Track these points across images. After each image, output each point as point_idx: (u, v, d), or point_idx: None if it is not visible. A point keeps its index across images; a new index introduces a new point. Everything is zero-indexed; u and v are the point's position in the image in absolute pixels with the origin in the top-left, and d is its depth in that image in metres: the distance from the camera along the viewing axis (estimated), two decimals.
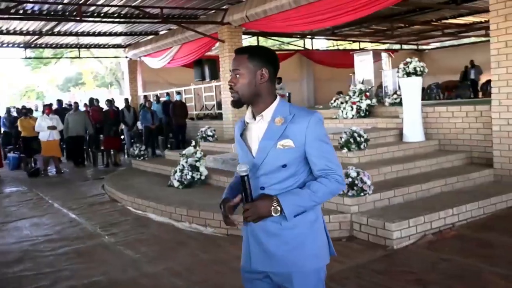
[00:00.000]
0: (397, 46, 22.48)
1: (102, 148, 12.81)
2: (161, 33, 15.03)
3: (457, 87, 16.73)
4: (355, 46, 21.78)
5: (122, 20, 12.16)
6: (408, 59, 7.47)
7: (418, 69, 7.35)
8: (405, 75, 7.43)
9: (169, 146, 13.34)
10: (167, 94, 14.21)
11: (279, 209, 1.94)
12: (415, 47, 23.05)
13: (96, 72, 33.85)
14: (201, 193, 7.12)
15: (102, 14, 11.55)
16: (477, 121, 7.03)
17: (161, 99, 14.77)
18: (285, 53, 21.11)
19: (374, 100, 9.10)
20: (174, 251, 5.17)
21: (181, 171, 7.67)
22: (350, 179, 5.29)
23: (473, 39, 20.52)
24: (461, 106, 7.37)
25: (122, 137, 13.61)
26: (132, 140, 13.62)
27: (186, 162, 7.69)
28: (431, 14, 15.14)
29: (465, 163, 7.08)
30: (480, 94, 17.92)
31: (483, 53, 19.89)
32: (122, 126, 13.40)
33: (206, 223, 5.83)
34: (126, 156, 13.78)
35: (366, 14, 9.41)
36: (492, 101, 6.56)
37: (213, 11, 12.00)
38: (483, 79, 18.76)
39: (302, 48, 20.99)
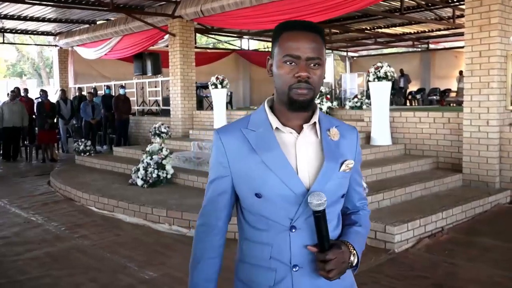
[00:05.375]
0: (328, 51, 23.12)
1: (36, 142, 11.79)
2: (98, 22, 14.18)
3: (392, 95, 17.41)
4: None
5: (62, 4, 11.27)
6: (379, 64, 7.57)
7: (388, 74, 7.48)
8: (375, 79, 7.52)
9: (107, 142, 12.61)
10: (108, 87, 13.42)
11: (356, 259, 1.42)
12: (344, 53, 23.84)
13: (9, 61, 31.47)
14: (171, 193, 6.71)
15: None
16: (445, 127, 7.28)
17: (99, 92, 13.93)
18: (222, 52, 20.91)
19: (335, 103, 9.16)
20: (165, 256, 4.78)
21: (145, 169, 7.19)
22: None
23: (402, 49, 21.56)
24: (428, 112, 7.60)
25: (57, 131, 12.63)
26: (68, 135, 12.70)
27: (151, 159, 7.23)
28: (367, 23, 15.68)
29: (432, 168, 7.30)
30: (408, 102, 18.93)
31: (409, 63, 21.21)
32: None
33: (190, 225, 5.48)
34: (61, 151, 12.81)
35: (327, 17, 9.47)
36: (464, 108, 6.81)
37: (163, 3, 11.50)
38: (411, 87, 19.83)
39: (239, 48, 20.88)
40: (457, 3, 12.13)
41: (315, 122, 1.45)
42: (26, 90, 14.21)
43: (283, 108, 1.44)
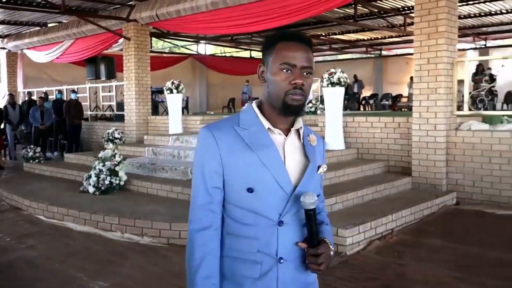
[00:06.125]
0: None
1: None
2: (50, 25, 13.80)
3: (346, 100, 17.75)
4: (245, 54, 22.15)
5: (10, 6, 10.89)
6: (333, 70, 7.71)
7: (342, 79, 7.61)
8: (329, 85, 7.64)
9: (58, 148, 12.25)
10: (59, 92, 13.05)
11: (333, 254, 1.58)
12: None
13: None
14: (123, 200, 6.59)
15: None
16: (395, 131, 7.48)
17: (50, 97, 13.53)
18: (178, 57, 20.76)
19: None
20: (117, 265, 4.67)
21: (97, 176, 7.04)
22: None
23: (356, 55, 22.01)
24: (380, 117, 7.79)
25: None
26: (16, 141, 12.26)
27: (104, 166, 7.08)
28: (322, 29, 15.96)
29: (383, 171, 7.47)
30: (362, 107, 19.36)
31: (363, 69, 21.71)
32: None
33: (143, 232, 5.39)
34: (9, 159, 12.35)
35: (282, 24, 9.56)
36: (413, 113, 7.02)
37: (118, 6, 11.32)
38: (364, 93, 20.29)
39: (195, 53, 20.78)
40: (408, 12, 12.51)
41: (300, 127, 1.58)
42: None
43: (273, 112, 1.54)
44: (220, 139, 1.50)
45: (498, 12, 13.10)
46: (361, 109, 19.09)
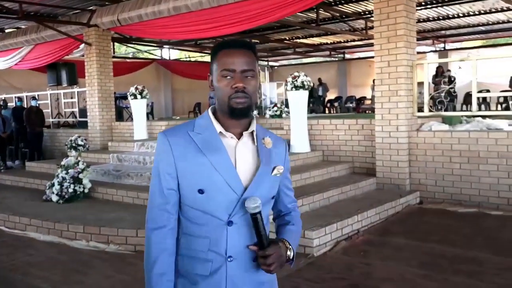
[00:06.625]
0: None
1: None
2: (7, 30, 13.44)
3: (311, 103, 17.94)
4: (209, 59, 22.08)
5: None
6: (296, 73, 7.78)
7: (305, 83, 7.69)
8: (293, 89, 7.72)
9: (19, 157, 11.93)
10: (19, 99, 12.71)
11: (291, 254, 1.64)
12: (265, 63, 24.24)
13: None
14: (88, 208, 6.48)
15: None
16: (359, 133, 7.61)
17: (9, 104, 13.17)
18: (142, 62, 20.55)
19: (255, 112, 9.29)
20: (82, 274, 4.59)
21: (61, 184, 6.89)
22: None
23: (320, 59, 22.27)
24: (344, 119, 7.91)
25: None
26: None
27: (67, 173, 6.94)
28: (286, 33, 16.11)
29: (349, 173, 7.59)
30: (327, 109, 19.61)
31: (327, 72, 22.01)
32: None
33: (109, 240, 5.31)
34: None
35: (245, 28, 9.62)
36: (376, 115, 7.16)
37: (78, 11, 11.12)
38: (329, 95, 20.56)
39: (159, 57, 20.61)
40: (369, 16, 12.75)
41: (253, 131, 1.63)
42: None
43: (224, 117, 1.61)
44: (174, 144, 1.59)
45: (456, 15, 13.51)
46: (326, 111, 19.33)
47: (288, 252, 1.62)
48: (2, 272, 4.71)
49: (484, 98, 14.71)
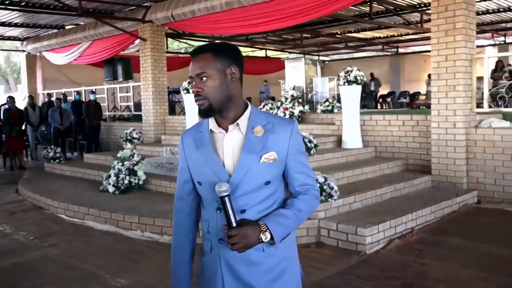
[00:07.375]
0: (300, 56, 23.23)
1: (4, 150, 11.51)
2: (67, 27, 13.97)
3: (363, 98, 17.64)
4: (260, 53, 22.11)
5: (29, 9, 11.07)
6: (349, 68, 7.67)
7: (358, 78, 7.58)
8: (346, 83, 7.61)
9: (78, 149, 12.40)
10: (78, 93, 13.20)
11: (268, 235, 1.69)
12: (316, 57, 24.02)
13: None
14: (143, 199, 6.65)
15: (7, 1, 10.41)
16: (413, 129, 7.41)
17: (68, 98, 13.70)
18: None
19: (306, 107, 9.22)
20: (137, 263, 4.73)
21: (117, 175, 7.11)
22: (318, 185, 5.24)
23: (372, 53, 21.86)
24: (397, 115, 7.73)
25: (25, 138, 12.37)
26: (37, 142, 12.44)
27: (123, 165, 7.15)
28: (337, 27, 15.87)
29: (402, 170, 7.41)
30: (379, 105, 19.22)
31: (379, 67, 21.54)
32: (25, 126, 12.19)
33: (163, 231, 5.44)
34: (30, 159, 12.55)
35: (297, 22, 9.56)
36: (432, 111, 6.95)
37: (134, 7, 11.41)
38: (381, 91, 20.14)
39: None
40: (424, 8, 12.38)
41: (238, 123, 1.76)
42: (9, 97, 13.72)
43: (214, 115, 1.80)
44: (185, 142, 1.86)
45: None
46: (379, 107, 18.95)
47: (261, 235, 1.68)
48: (62, 258, 4.92)
49: None
